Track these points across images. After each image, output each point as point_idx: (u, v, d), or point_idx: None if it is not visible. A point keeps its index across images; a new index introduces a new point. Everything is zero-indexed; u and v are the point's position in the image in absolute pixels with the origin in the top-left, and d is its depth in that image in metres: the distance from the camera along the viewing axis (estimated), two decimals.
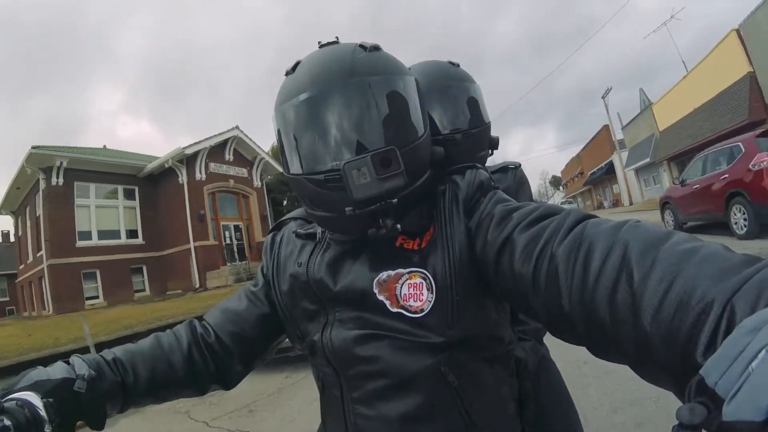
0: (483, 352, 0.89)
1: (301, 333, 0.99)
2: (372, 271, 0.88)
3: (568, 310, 0.62)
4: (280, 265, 1.06)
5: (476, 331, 0.86)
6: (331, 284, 0.92)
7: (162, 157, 22.97)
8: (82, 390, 0.79)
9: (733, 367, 0.34)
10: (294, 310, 1.00)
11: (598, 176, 49.34)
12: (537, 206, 0.79)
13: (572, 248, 0.63)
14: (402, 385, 0.84)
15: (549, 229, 0.69)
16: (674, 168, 28.27)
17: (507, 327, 0.96)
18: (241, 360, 1.07)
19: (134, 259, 23.29)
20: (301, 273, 0.98)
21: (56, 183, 20.86)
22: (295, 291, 0.99)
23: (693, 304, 0.46)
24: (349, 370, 0.89)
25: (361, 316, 0.88)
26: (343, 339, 0.88)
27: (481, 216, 0.85)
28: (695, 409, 0.35)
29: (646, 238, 0.56)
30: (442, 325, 0.82)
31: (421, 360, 0.82)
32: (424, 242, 0.88)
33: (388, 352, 0.84)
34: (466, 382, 0.85)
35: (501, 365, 0.94)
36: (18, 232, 27.62)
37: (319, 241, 1.01)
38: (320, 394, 1.02)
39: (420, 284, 0.84)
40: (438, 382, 0.83)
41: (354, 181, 0.80)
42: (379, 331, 0.85)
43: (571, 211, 0.71)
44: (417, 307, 0.83)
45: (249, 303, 1.09)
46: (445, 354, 0.83)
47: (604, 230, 0.62)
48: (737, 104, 19.07)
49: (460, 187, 0.92)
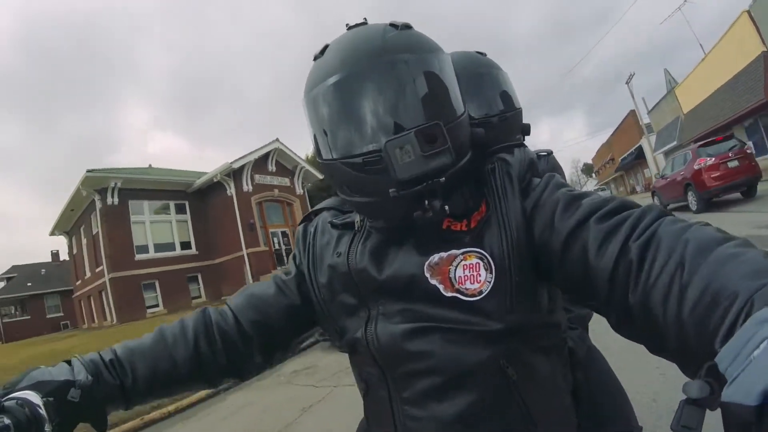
0: (540, 341, 0.84)
1: (340, 329, 0.95)
2: (421, 255, 0.83)
3: (632, 303, 0.61)
4: (316, 256, 1.01)
5: (533, 318, 0.81)
6: (375, 273, 0.87)
7: (210, 173, 24.21)
8: (75, 399, 0.77)
9: (740, 355, 0.36)
10: (332, 306, 0.95)
11: (628, 161, 49.28)
12: (610, 197, 0.75)
13: (646, 246, 0.62)
14: (457, 382, 0.79)
15: (627, 223, 0.66)
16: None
17: (561, 313, 0.92)
18: (262, 350, 1.02)
19: (189, 268, 24.52)
20: (340, 263, 0.93)
21: (112, 202, 22.16)
22: (333, 283, 0.95)
23: (722, 299, 0.48)
24: (397, 369, 0.84)
25: (409, 308, 0.83)
26: (390, 334, 0.83)
27: (540, 198, 0.81)
28: (701, 387, 0.38)
29: (704, 239, 0.56)
30: (501, 310, 0.77)
31: (477, 353, 0.78)
32: (473, 222, 0.84)
33: (442, 345, 0.79)
34: (524, 374, 0.80)
35: (556, 354, 0.90)
36: (72, 250, 29.06)
37: (358, 230, 0.96)
38: (364, 397, 0.97)
39: (477, 264, 0.79)
40: (496, 377, 0.78)
41: (397, 160, 0.75)
42: (431, 323, 0.80)
43: (650, 207, 0.68)
44: (474, 289, 0.78)
45: (278, 291, 1.04)
46: (503, 345, 0.78)
47: (673, 230, 0.61)
48: (754, 84, 19.64)
49: (511, 165, 0.87)
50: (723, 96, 23.01)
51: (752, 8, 19.82)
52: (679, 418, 0.38)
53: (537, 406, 0.82)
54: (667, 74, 37.80)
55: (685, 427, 0.38)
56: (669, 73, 37.58)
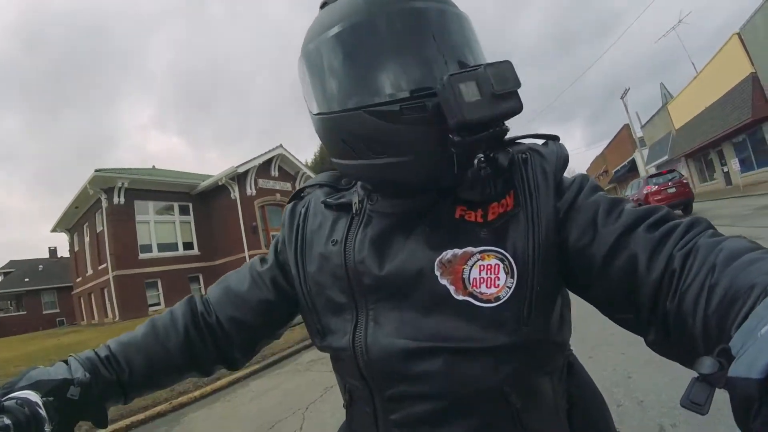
0: (546, 362, 0.79)
1: (322, 329, 0.86)
2: (431, 249, 0.74)
3: (668, 309, 0.59)
4: (305, 241, 0.92)
5: (545, 334, 0.74)
6: (375, 267, 0.78)
7: (215, 176, 24.70)
8: (75, 397, 0.77)
9: (751, 335, 0.37)
10: (317, 299, 0.86)
11: (621, 174, 48.77)
12: (654, 206, 0.70)
13: (687, 256, 0.60)
14: (456, 410, 0.73)
15: (677, 234, 0.63)
16: (692, 164, 30.31)
17: (570, 329, 0.84)
18: (241, 346, 0.98)
19: (191, 268, 24.95)
20: (335, 253, 0.83)
21: (118, 202, 22.61)
22: (322, 275, 0.85)
23: (742, 293, 0.48)
24: (388, 389, 0.76)
25: (410, 316, 0.74)
26: (384, 350, 0.74)
27: (576, 200, 0.74)
28: (712, 363, 0.38)
29: (735, 248, 0.55)
30: (516, 321, 0.70)
31: (482, 378, 0.71)
32: (491, 214, 0.75)
33: (444, 369, 0.71)
34: (527, 401, 0.75)
35: (558, 377, 0.83)
36: (74, 247, 29.37)
37: (356, 213, 0.85)
38: (346, 405, 0.90)
39: (496, 266, 0.71)
40: (499, 404, 0.73)
41: (463, 98, 0.63)
42: (436, 342, 0.71)
43: (698, 220, 0.65)
44: (490, 295, 0.70)
45: (252, 284, 0.97)
46: (510, 367, 0.71)
47: (711, 241, 0.59)
48: (742, 103, 20.80)
49: (547, 159, 0.78)
50: (713, 113, 24.04)
51: (742, 31, 20.87)
52: (689, 393, 0.38)
53: (536, 429, 0.77)
54: (662, 88, 38.65)
55: (693, 402, 0.38)
56: (665, 87, 38.46)
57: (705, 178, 30.02)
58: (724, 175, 26.19)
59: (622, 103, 42.41)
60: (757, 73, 20.25)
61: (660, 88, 38.85)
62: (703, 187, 30.01)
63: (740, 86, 21.33)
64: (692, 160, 30.61)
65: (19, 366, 9.98)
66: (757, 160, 22.63)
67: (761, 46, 19.65)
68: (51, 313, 45.85)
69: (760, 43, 19.73)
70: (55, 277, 46.89)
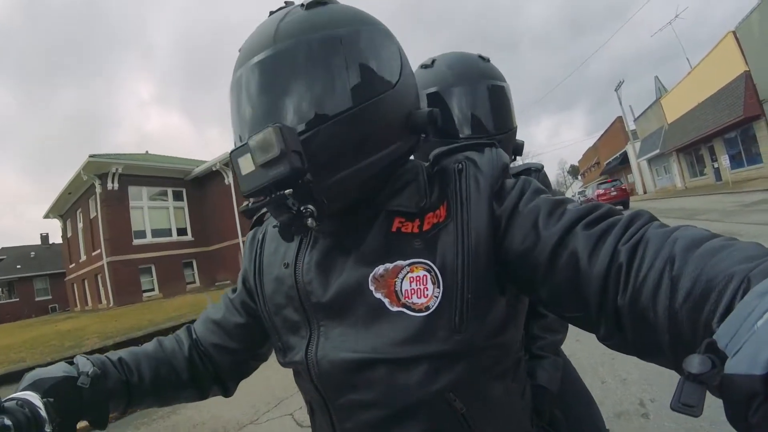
0: (492, 365, 0.79)
1: (283, 346, 0.90)
2: (366, 265, 0.78)
3: (620, 305, 0.59)
4: (263, 267, 0.96)
5: (484, 339, 0.74)
6: (321, 288, 0.81)
7: (210, 161, 24.78)
8: (85, 385, 0.78)
9: (741, 329, 0.35)
10: (276, 319, 0.90)
11: (613, 166, 50.20)
12: (596, 204, 0.72)
13: (635, 248, 0.59)
14: (402, 416, 0.75)
15: (617, 228, 0.63)
16: (683, 159, 30.78)
17: (518, 332, 0.85)
18: (229, 370, 1.03)
19: (185, 254, 25.11)
20: (287, 275, 0.87)
21: (112, 188, 22.74)
22: (278, 296, 0.89)
23: (716, 283, 0.47)
24: (338, 399, 0.80)
25: (353, 331, 0.78)
26: (331, 362, 0.78)
27: (518, 205, 0.75)
28: (702, 361, 0.36)
29: (693, 236, 0.55)
30: (449, 328, 0.72)
31: (424, 385, 0.73)
32: (426, 224, 0.78)
33: (386, 379, 0.74)
34: (474, 405, 0.76)
35: (511, 377, 0.84)
36: (67, 234, 29.30)
37: (304, 236, 0.89)
38: (309, 416, 0.95)
39: (423, 277, 0.74)
40: (443, 410, 0.75)
41: (240, 173, 0.71)
42: (375, 354, 0.74)
43: (639, 213, 0.66)
44: (421, 304, 0.73)
45: (226, 311, 1.03)
46: (452, 374, 0.73)
47: (661, 232, 0.59)
48: (734, 101, 21.06)
49: (481, 168, 0.80)
50: (705, 110, 24.34)
51: (738, 29, 21.06)
52: (680, 395, 0.36)
53: None
54: (657, 81, 38.91)
55: (685, 405, 0.36)
56: (659, 81, 38.68)
57: (695, 173, 30.34)
58: (715, 171, 26.52)
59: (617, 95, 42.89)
60: (750, 72, 20.48)
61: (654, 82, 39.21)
62: (694, 182, 30.40)
63: (733, 84, 21.56)
64: (683, 155, 30.91)
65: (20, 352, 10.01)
66: (747, 158, 22.99)
67: (756, 46, 19.82)
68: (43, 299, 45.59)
69: (754, 43, 19.92)
70: (48, 264, 46.57)
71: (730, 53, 21.63)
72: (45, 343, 11.03)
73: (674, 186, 34.07)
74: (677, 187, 33.19)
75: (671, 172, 34.53)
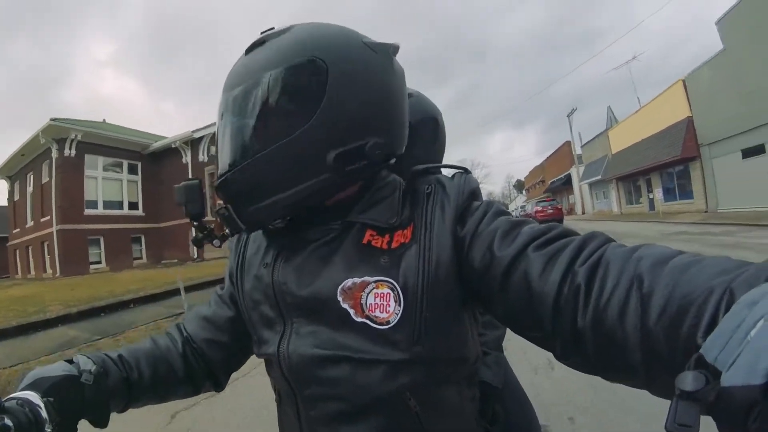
0: (450, 375, 0.84)
1: (258, 339, 0.94)
2: (337, 275, 0.82)
3: (581, 326, 0.58)
4: (245, 264, 1.00)
5: (444, 352, 0.80)
6: (296, 289, 0.85)
7: (170, 138, 24.63)
8: (89, 382, 0.79)
9: (732, 340, 0.34)
10: (253, 314, 0.95)
11: (557, 186, 53.10)
12: (551, 225, 0.73)
13: (593, 268, 0.59)
14: (362, 410, 0.80)
15: (569, 249, 0.64)
16: (621, 186, 32.92)
17: (476, 344, 0.89)
18: (221, 365, 1.05)
19: (134, 229, 24.82)
20: (265, 275, 0.91)
21: (69, 154, 22.27)
22: (256, 293, 0.93)
23: (694, 298, 0.46)
24: (306, 390, 0.84)
25: (321, 330, 0.82)
26: (300, 356, 0.83)
27: (479, 227, 0.78)
28: (696, 377, 0.34)
29: (658, 254, 0.55)
30: (408, 341, 0.77)
31: (383, 385, 0.78)
32: (395, 242, 0.81)
33: (349, 375, 0.79)
34: (429, 406, 0.81)
35: (465, 384, 0.89)
36: (14, 197, 28.09)
37: None
38: (277, 405, 0.99)
39: (387, 294, 0.78)
40: (400, 407, 0.79)
41: None
42: (341, 352, 0.79)
43: (594, 234, 0.67)
44: (383, 318, 0.77)
45: (216, 307, 1.06)
46: (409, 377, 0.78)
47: (621, 252, 0.59)
48: (675, 141, 22.87)
49: (448, 193, 0.84)
50: (648, 145, 26.22)
51: (687, 78, 22.75)
52: (674, 415, 0.34)
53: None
54: (609, 111, 40.81)
55: (682, 425, 0.34)
56: (611, 111, 40.61)
57: (632, 201, 32.40)
58: (649, 201, 28.70)
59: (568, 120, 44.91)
60: (693, 118, 22.33)
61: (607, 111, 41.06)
62: (629, 209, 32.51)
63: (676, 126, 23.43)
64: (622, 183, 32.99)
65: None
66: (680, 193, 24.95)
67: (701, 95, 21.58)
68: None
69: (701, 92, 21.63)
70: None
71: (677, 98, 23.30)
72: (3, 308, 10.80)
73: (611, 210, 36.20)
74: (613, 211, 35.31)
75: (610, 197, 36.76)
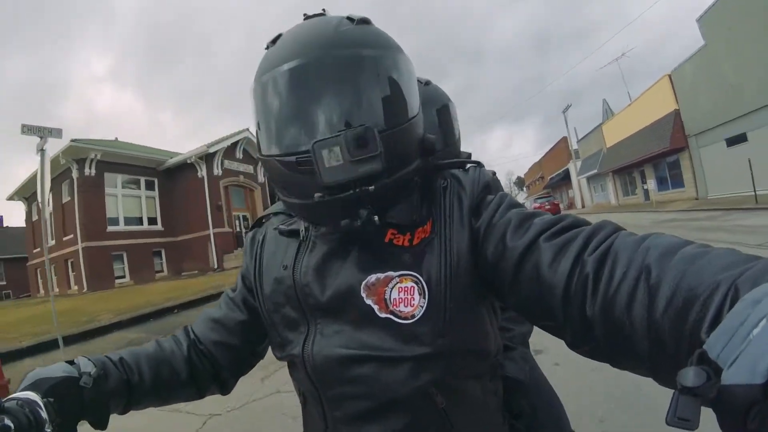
0: (471, 367, 0.85)
1: (282, 341, 0.93)
2: (360, 272, 0.82)
3: (590, 315, 0.59)
4: (262, 267, 0.99)
5: (466, 344, 0.81)
6: (318, 290, 0.86)
7: (185, 154, 25.54)
8: (88, 385, 0.78)
9: (735, 338, 0.34)
10: (275, 316, 0.94)
11: (556, 181, 54.39)
12: (562, 216, 0.73)
13: (602, 258, 0.60)
14: (388, 408, 0.81)
15: (579, 239, 0.65)
16: (617, 179, 34.37)
17: (496, 337, 0.90)
18: (230, 367, 1.04)
19: (154, 243, 25.58)
20: (286, 277, 0.91)
21: (89, 173, 23.09)
22: (278, 295, 0.92)
23: (700, 291, 0.46)
24: (330, 390, 0.84)
25: (345, 329, 0.83)
26: (325, 357, 0.83)
27: (492, 219, 0.79)
28: (697, 373, 0.34)
29: (666, 244, 0.55)
30: (433, 334, 0.77)
31: (408, 382, 0.78)
32: (416, 239, 0.82)
33: (374, 374, 0.79)
34: (453, 401, 0.82)
35: (488, 378, 0.90)
36: (32, 217, 28.71)
37: (303, 240, 0.93)
38: (302, 408, 0.99)
39: (411, 288, 0.79)
40: (425, 404, 0.80)
41: (324, 163, 0.72)
42: (365, 351, 0.80)
43: (603, 224, 0.67)
44: (407, 312, 0.78)
45: (227, 310, 1.05)
46: (434, 371, 0.78)
47: (630, 241, 0.59)
48: (663, 134, 24.12)
49: (464, 186, 0.86)
50: (639, 139, 27.47)
51: (673, 73, 23.96)
52: (675, 410, 0.35)
53: (465, 427, 0.83)
54: (605, 104, 41.42)
55: (681, 419, 0.34)
56: (607, 103, 41.15)
57: (628, 192, 33.79)
58: (644, 192, 29.76)
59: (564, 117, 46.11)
60: (680, 111, 23.51)
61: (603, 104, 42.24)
62: (626, 200, 33.79)
63: (664, 119, 24.57)
64: (618, 176, 34.26)
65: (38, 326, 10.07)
66: (672, 182, 26.20)
67: (686, 89, 22.79)
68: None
69: (686, 86, 22.85)
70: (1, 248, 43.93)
71: (664, 92, 24.55)
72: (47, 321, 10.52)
73: (609, 202, 37.44)
74: (611, 203, 36.54)
75: (607, 189, 38.05)
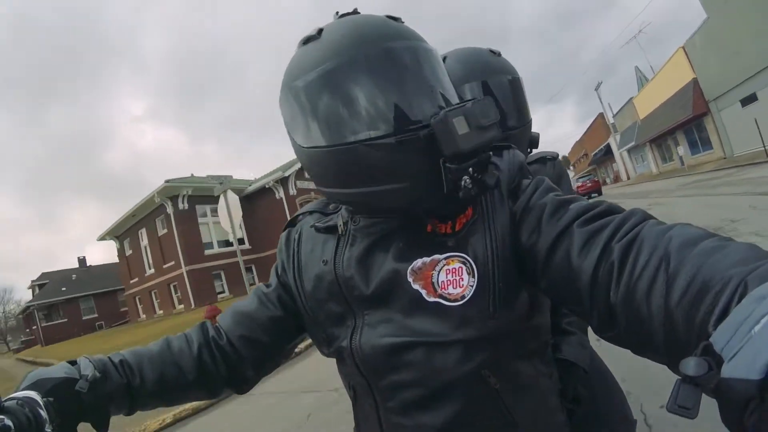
0: (521, 346, 0.84)
1: (328, 337, 0.93)
2: (405, 260, 0.82)
3: (613, 301, 0.60)
4: (301, 265, 0.99)
5: (514, 324, 0.80)
6: (362, 282, 0.86)
7: (263, 181, 28.98)
8: (83, 390, 0.77)
9: (738, 332, 0.35)
10: (319, 313, 0.93)
11: (599, 157, 54.89)
12: (597, 202, 0.73)
13: (629, 246, 0.61)
14: (441, 394, 0.80)
15: (611, 226, 0.66)
16: (655, 148, 36.23)
17: (546, 317, 0.91)
18: (254, 364, 1.02)
19: (245, 260, 27.22)
20: (327, 272, 0.91)
21: (183, 207, 26.82)
22: (320, 292, 0.92)
23: (712, 284, 0.46)
24: (381, 380, 0.84)
25: (392, 317, 0.83)
26: (373, 347, 0.83)
27: (529, 202, 0.80)
28: (699, 363, 0.36)
29: (688, 235, 0.56)
30: (483, 315, 0.76)
31: (459, 365, 0.77)
32: (458, 225, 0.82)
33: (425, 360, 0.79)
34: (506, 382, 0.81)
35: (539, 358, 0.89)
36: (125, 252, 33.48)
37: (342, 235, 0.93)
38: (352, 402, 0.98)
39: (459, 269, 0.79)
40: (478, 386, 0.79)
41: (457, 131, 0.70)
42: (414, 338, 0.79)
43: (634, 212, 0.68)
44: (457, 294, 0.77)
45: (260, 305, 1.03)
46: (485, 354, 0.78)
47: (656, 230, 0.60)
48: (685, 102, 26.17)
49: (501, 169, 0.86)
50: (665, 109, 29.67)
51: (686, 45, 26.03)
52: (675, 397, 0.37)
53: (521, 410, 0.82)
54: (638, 71, 43.47)
55: (682, 407, 0.36)
56: (639, 70, 43.37)
57: (666, 159, 35.80)
58: (680, 158, 30.86)
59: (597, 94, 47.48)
60: (697, 79, 25.09)
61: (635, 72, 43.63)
62: (665, 167, 35.34)
63: (684, 89, 26.35)
64: (655, 145, 35.84)
65: None
66: (702, 145, 28.01)
67: (700, 58, 24.39)
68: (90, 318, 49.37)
69: (699, 56, 24.44)
70: (88, 285, 50.62)
71: (681, 63, 26.56)
72: None
73: (650, 172, 39.25)
74: (653, 172, 37.92)
75: (647, 159, 39.93)
